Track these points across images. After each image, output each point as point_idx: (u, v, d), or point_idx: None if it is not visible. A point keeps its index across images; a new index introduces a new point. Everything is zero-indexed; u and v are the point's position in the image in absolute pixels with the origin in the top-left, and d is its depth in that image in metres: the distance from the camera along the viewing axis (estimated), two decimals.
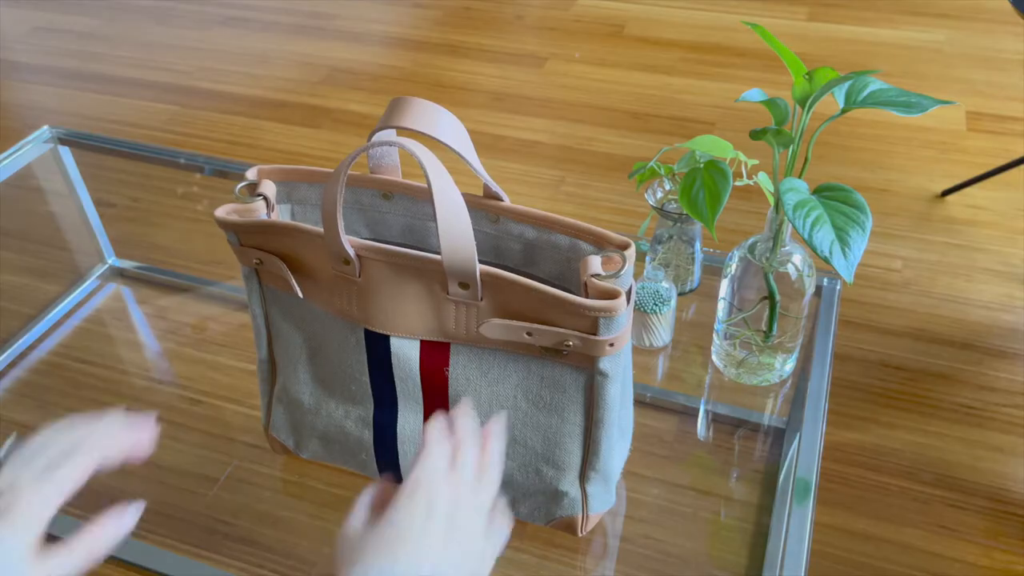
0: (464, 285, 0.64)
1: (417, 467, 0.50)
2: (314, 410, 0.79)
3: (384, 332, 0.70)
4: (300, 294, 0.73)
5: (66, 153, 1.36)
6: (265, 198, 0.73)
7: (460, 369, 0.71)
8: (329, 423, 0.79)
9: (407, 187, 0.75)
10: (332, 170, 0.76)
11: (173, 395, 1.00)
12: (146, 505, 0.85)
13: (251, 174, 0.75)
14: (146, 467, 0.89)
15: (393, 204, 0.76)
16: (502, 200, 0.73)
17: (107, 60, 2.31)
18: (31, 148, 1.33)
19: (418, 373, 0.72)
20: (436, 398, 0.73)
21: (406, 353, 0.71)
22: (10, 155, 1.29)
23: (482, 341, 0.68)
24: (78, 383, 1.03)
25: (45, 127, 1.35)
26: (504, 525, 0.53)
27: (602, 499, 0.76)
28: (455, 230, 0.61)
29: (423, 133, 0.63)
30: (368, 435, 0.77)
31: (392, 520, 0.46)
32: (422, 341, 0.70)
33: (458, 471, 0.51)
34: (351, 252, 0.66)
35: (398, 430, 0.75)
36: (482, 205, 0.73)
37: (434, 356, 0.71)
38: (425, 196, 0.75)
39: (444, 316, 0.68)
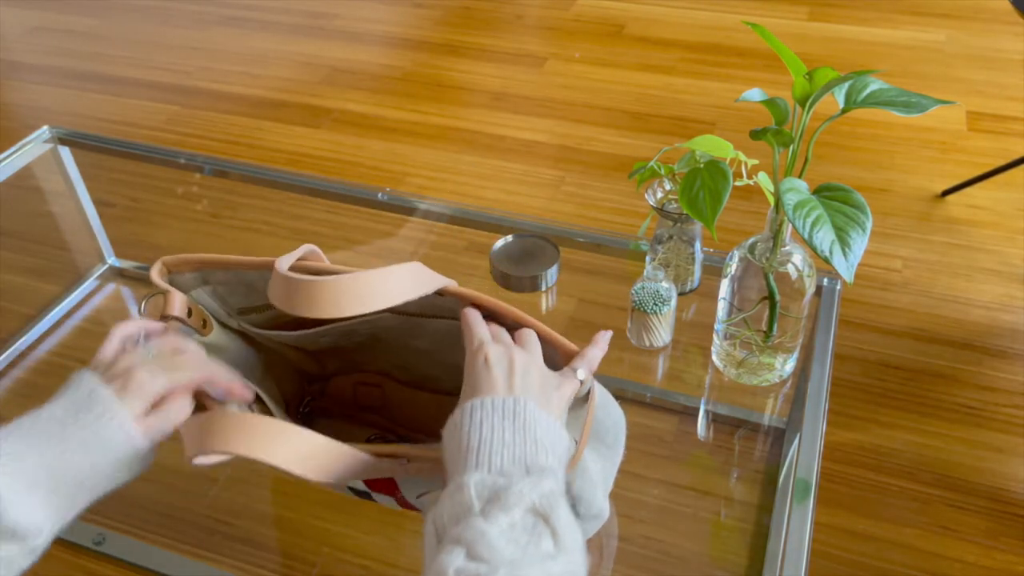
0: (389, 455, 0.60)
1: (472, 341, 0.59)
2: None
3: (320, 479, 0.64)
4: (208, 464, 0.64)
5: (66, 153, 1.35)
6: (182, 320, 0.68)
7: (412, 489, 0.67)
8: None
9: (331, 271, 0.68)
10: (244, 258, 0.71)
11: None
12: (146, 505, 0.86)
13: (155, 275, 0.70)
14: None
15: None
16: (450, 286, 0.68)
17: (107, 60, 2.31)
18: (31, 148, 1.33)
19: (372, 491, 0.69)
20: (401, 501, 0.70)
21: (353, 483, 0.68)
22: (10, 155, 1.29)
23: (426, 476, 0.63)
24: None
25: (45, 127, 1.35)
26: (572, 381, 0.59)
27: (595, 525, 0.75)
28: (323, 465, 0.56)
29: (342, 318, 0.59)
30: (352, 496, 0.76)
31: (470, 375, 0.56)
32: (365, 480, 0.66)
33: (502, 341, 0.59)
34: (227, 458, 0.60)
35: (373, 499, 0.74)
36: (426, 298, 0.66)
37: (383, 484, 0.67)
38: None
39: (378, 469, 0.61)
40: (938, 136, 1.82)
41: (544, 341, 0.63)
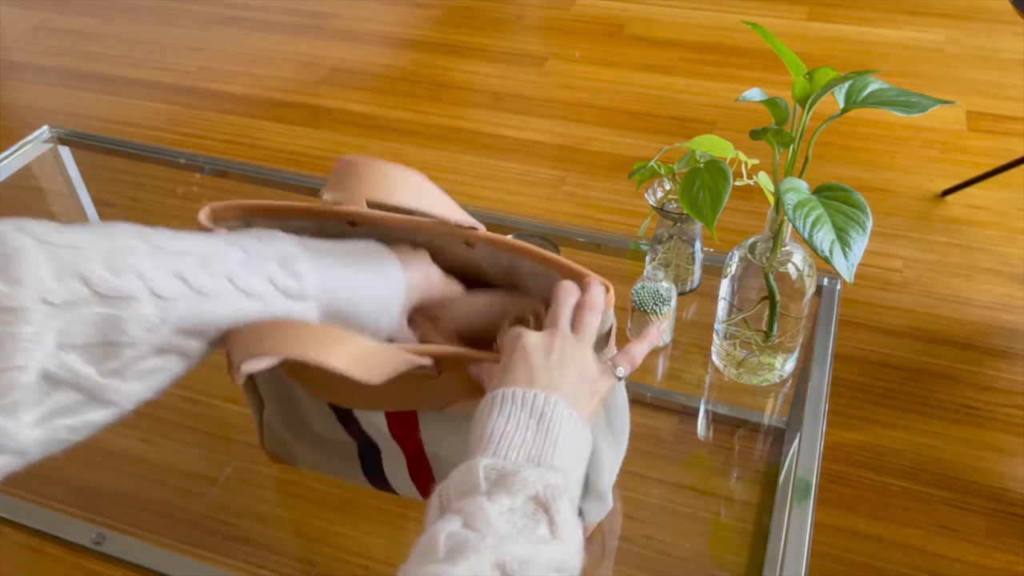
0: (418, 366, 0.61)
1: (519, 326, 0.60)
2: (300, 442, 0.79)
3: (345, 407, 0.68)
4: (239, 381, 0.69)
5: (66, 153, 1.35)
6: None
7: (432, 432, 0.68)
8: (319, 454, 0.78)
9: (372, 217, 0.69)
10: (288, 204, 0.71)
11: (173, 395, 1.00)
12: (146, 505, 0.86)
13: (203, 217, 0.70)
14: (146, 467, 0.89)
15: (359, 231, 0.70)
16: (476, 228, 0.69)
17: (107, 60, 2.31)
18: (31, 148, 1.33)
19: (390, 435, 0.70)
20: (414, 453, 0.71)
21: (373, 421, 0.69)
22: (10, 155, 1.29)
23: (448, 409, 0.65)
24: None
25: (45, 127, 1.35)
26: (610, 378, 0.60)
27: (597, 511, 0.76)
28: (374, 365, 0.57)
29: (376, 202, 0.60)
30: (356, 467, 0.77)
31: (508, 352, 0.57)
32: (387, 412, 0.68)
33: (557, 328, 0.58)
34: (273, 363, 0.60)
35: (384, 466, 0.75)
36: (456, 233, 0.68)
37: (403, 422, 0.68)
38: (392, 223, 0.69)
39: (404, 391, 0.64)
40: (938, 136, 1.82)
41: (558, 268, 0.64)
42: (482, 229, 0.68)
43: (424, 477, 0.74)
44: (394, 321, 0.59)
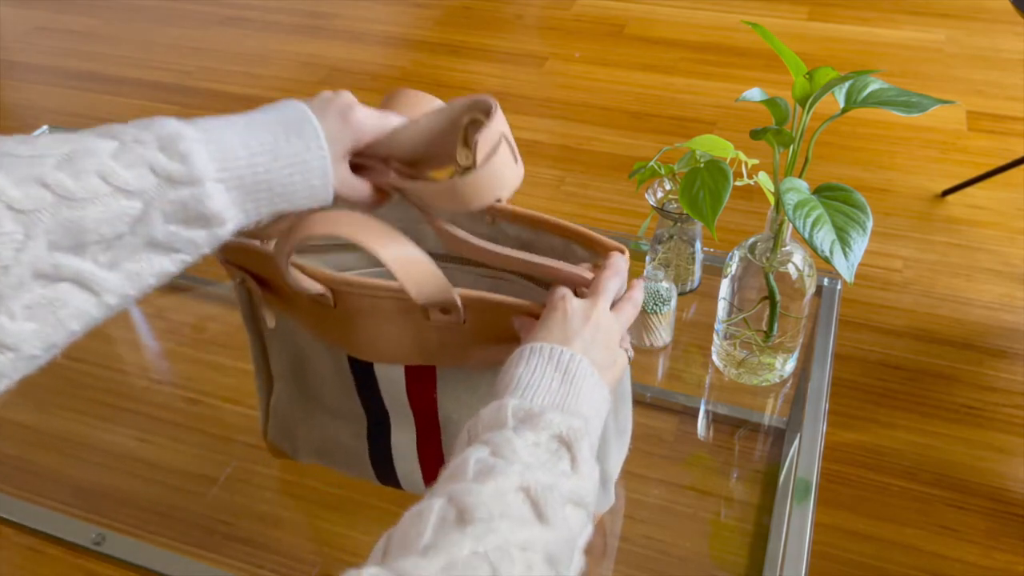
0: (445, 311, 0.62)
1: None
2: (308, 423, 0.79)
3: (365, 360, 0.68)
4: (271, 324, 0.71)
5: None
6: None
7: (448, 391, 0.69)
8: (324, 436, 0.79)
9: (402, 184, 0.73)
10: None
11: (172, 395, 1.00)
12: (146, 505, 0.86)
13: None
14: (146, 467, 0.89)
15: (384, 208, 0.74)
16: (499, 200, 0.72)
17: (107, 60, 2.31)
18: None
19: (406, 396, 0.70)
20: (426, 418, 0.72)
21: (391, 377, 0.69)
22: None
23: (469, 363, 0.67)
24: (78, 383, 1.03)
25: (45, 127, 1.35)
26: (625, 356, 0.62)
27: (601, 500, 0.76)
28: (418, 278, 0.59)
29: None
30: (363, 447, 0.77)
31: (547, 313, 0.59)
32: (406, 366, 0.68)
33: (599, 298, 0.60)
34: (319, 289, 0.63)
35: (392, 444, 0.75)
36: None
37: (421, 379, 0.69)
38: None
39: (426, 342, 0.65)
40: (938, 136, 1.82)
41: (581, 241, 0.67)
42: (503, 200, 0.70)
43: (432, 455, 0.74)
44: (328, 180, 0.53)
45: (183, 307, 1.15)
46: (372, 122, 0.57)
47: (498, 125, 0.55)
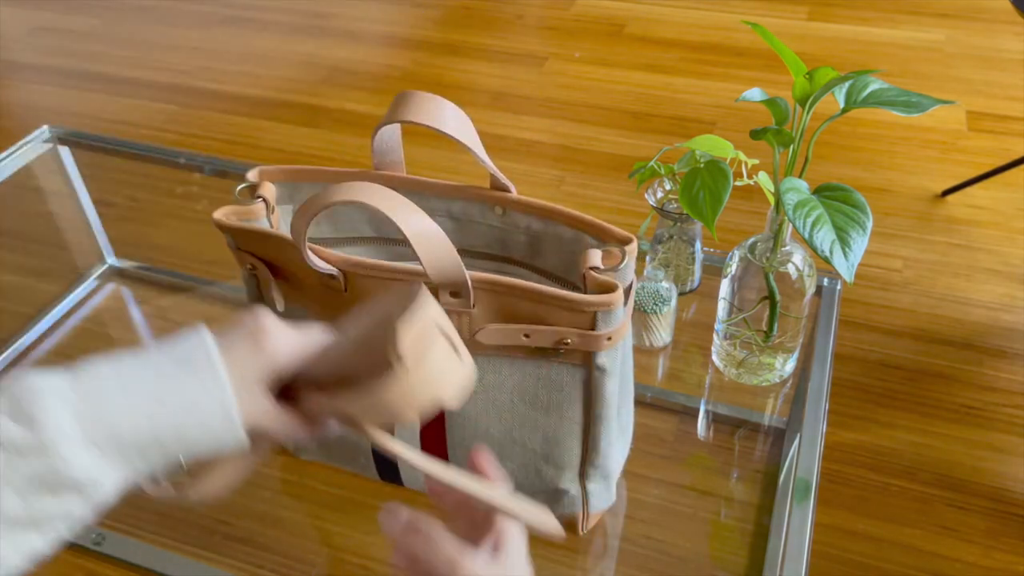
0: (455, 294, 0.63)
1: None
2: None
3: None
4: (281, 307, 0.71)
5: (66, 153, 1.35)
6: (265, 200, 0.73)
7: None
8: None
9: (413, 182, 0.75)
10: (335, 169, 0.76)
11: None
12: (146, 505, 0.86)
13: (252, 175, 0.74)
14: None
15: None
16: (510, 191, 0.73)
17: (107, 60, 2.31)
18: (31, 148, 1.33)
19: None
20: None
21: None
22: (10, 155, 1.29)
23: (476, 348, 0.67)
24: None
25: (45, 127, 1.35)
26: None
27: (602, 497, 0.76)
28: (435, 254, 0.60)
29: (428, 126, 0.63)
30: (366, 441, 0.77)
31: None
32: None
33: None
34: (331, 270, 0.65)
35: (395, 436, 0.75)
36: (488, 198, 0.73)
37: None
38: (431, 191, 0.75)
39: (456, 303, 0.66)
40: (938, 136, 1.82)
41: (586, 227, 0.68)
42: (514, 192, 0.71)
43: (435, 448, 0.74)
44: (233, 420, 0.45)
45: (183, 307, 1.15)
46: (290, 345, 0.49)
47: (427, 314, 0.44)
